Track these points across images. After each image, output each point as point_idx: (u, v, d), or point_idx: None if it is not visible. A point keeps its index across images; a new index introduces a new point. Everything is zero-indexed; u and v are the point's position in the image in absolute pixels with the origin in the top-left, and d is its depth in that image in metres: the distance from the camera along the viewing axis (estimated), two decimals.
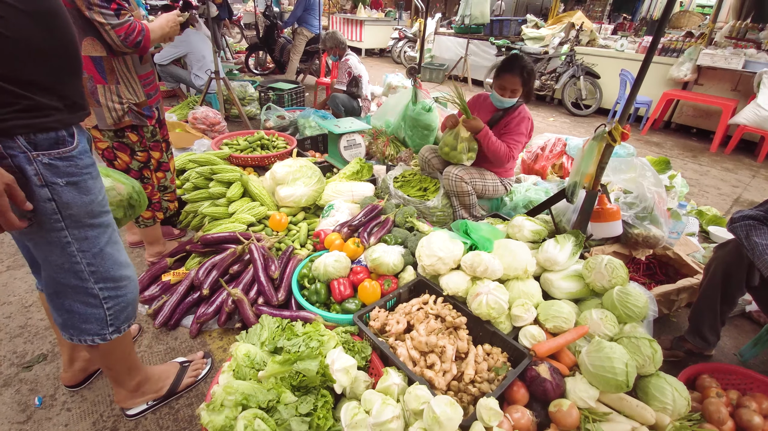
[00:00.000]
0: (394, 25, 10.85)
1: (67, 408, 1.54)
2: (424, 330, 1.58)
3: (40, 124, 0.92)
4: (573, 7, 9.62)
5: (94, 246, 1.09)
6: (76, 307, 1.14)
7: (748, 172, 4.53)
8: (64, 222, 1.01)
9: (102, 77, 1.72)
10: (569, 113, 6.49)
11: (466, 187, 2.51)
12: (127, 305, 1.24)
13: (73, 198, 1.00)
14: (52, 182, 0.95)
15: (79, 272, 1.09)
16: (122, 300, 1.21)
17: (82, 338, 1.19)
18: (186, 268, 2.19)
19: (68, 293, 1.11)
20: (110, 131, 1.82)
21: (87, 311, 1.15)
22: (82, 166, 1.01)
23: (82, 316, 1.15)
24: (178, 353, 1.81)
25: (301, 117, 4.10)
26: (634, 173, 2.36)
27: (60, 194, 0.98)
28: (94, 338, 1.20)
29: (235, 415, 1.21)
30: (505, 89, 2.43)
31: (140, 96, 1.83)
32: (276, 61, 7.13)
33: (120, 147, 1.88)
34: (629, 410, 1.40)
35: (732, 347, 2.05)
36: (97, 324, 1.18)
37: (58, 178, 0.96)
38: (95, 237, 1.09)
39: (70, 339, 1.19)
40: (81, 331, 1.18)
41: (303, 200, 2.57)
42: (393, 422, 1.24)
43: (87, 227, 1.06)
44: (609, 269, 1.73)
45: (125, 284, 1.21)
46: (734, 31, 5.56)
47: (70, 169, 0.99)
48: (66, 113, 0.97)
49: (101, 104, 1.74)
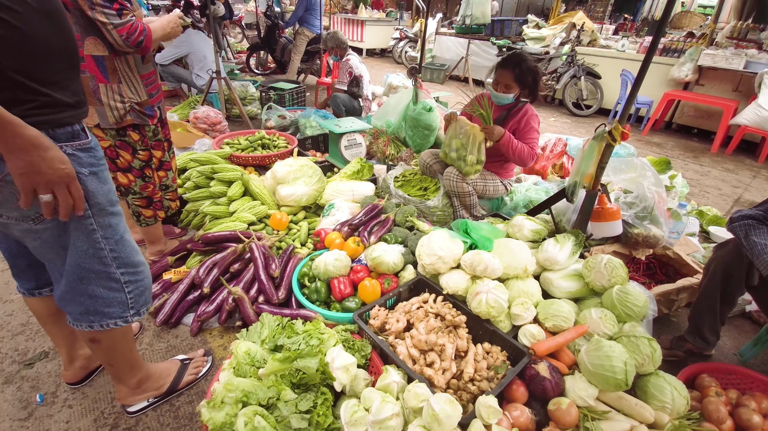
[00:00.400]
0: (395, 26, 10.86)
1: (69, 405, 1.55)
2: (423, 328, 1.58)
3: (58, 119, 0.96)
4: (574, 8, 9.61)
5: (116, 233, 1.15)
6: (100, 292, 1.18)
7: (748, 172, 4.53)
8: (91, 210, 1.06)
9: (104, 76, 1.73)
10: (570, 114, 6.49)
11: (467, 187, 2.52)
12: (145, 290, 1.30)
13: (97, 187, 1.06)
14: (78, 172, 0.99)
15: (103, 258, 1.14)
16: (141, 284, 1.27)
17: (104, 322, 1.23)
18: (187, 266, 2.20)
19: (92, 278, 1.15)
20: (112, 129, 1.83)
21: (110, 295, 1.20)
22: (99, 157, 1.07)
23: (105, 300, 1.20)
24: (179, 351, 1.81)
25: (302, 117, 4.11)
26: (634, 172, 2.37)
27: (86, 183, 1.02)
28: (117, 321, 1.24)
29: (236, 412, 1.22)
30: (498, 84, 2.47)
31: (142, 95, 1.84)
32: (277, 61, 7.15)
33: (122, 146, 1.89)
34: (628, 409, 1.41)
35: (732, 347, 2.05)
36: (119, 307, 1.23)
37: (82, 168, 1.01)
38: (116, 224, 1.15)
39: (90, 327, 1.22)
40: (104, 315, 1.22)
41: (304, 199, 2.58)
42: (392, 419, 1.25)
43: (109, 214, 1.12)
44: (608, 269, 1.73)
45: (142, 269, 1.27)
46: (735, 31, 5.55)
47: (91, 159, 1.04)
48: (76, 109, 1.01)
49: (103, 103, 1.75)
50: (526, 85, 2.46)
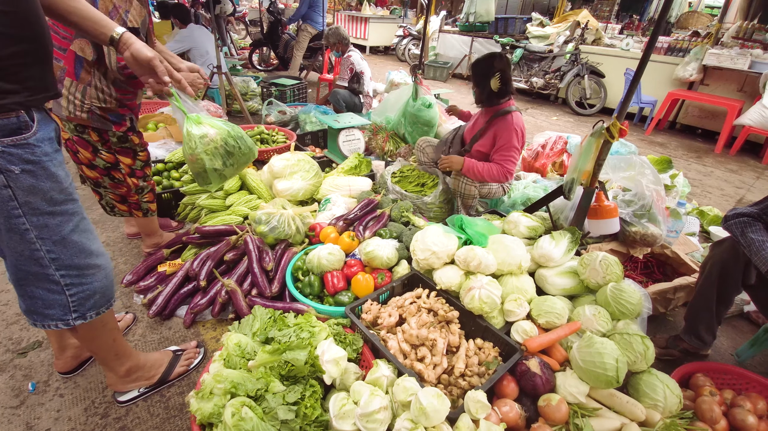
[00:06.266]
0: (399, 23, 10.84)
1: (60, 394, 1.55)
2: (415, 323, 1.58)
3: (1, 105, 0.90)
4: (580, 6, 9.54)
5: (55, 234, 1.08)
6: (39, 293, 1.14)
7: (752, 173, 4.48)
8: (21, 209, 1.00)
9: (75, 74, 1.63)
10: (573, 113, 6.44)
11: (474, 191, 2.48)
12: (94, 293, 1.23)
13: (30, 185, 0.99)
14: (7, 169, 0.95)
15: (40, 260, 1.08)
16: (87, 288, 1.20)
17: (45, 323, 1.19)
18: (182, 259, 2.20)
19: (30, 279, 1.12)
20: (70, 122, 1.74)
21: (49, 296, 1.15)
22: (40, 153, 1.00)
23: (44, 302, 1.16)
24: (172, 343, 1.82)
25: (302, 113, 4.11)
26: (633, 170, 2.34)
27: (15, 181, 0.97)
28: (57, 323, 1.19)
29: (224, 403, 1.22)
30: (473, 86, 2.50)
31: (110, 103, 1.73)
32: (280, 57, 7.15)
33: (80, 142, 1.79)
34: (619, 406, 1.39)
35: (729, 347, 2.03)
36: (59, 309, 1.18)
37: (12, 165, 0.95)
38: (56, 225, 1.08)
39: (34, 324, 1.20)
40: (44, 316, 1.18)
41: (300, 193, 2.57)
42: (380, 413, 1.24)
43: (46, 214, 1.05)
44: (603, 266, 1.72)
45: (92, 272, 1.20)
46: (741, 31, 5.49)
47: (28, 156, 0.97)
48: (25, 96, 0.95)
49: (62, 95, 1.66)
50: (480, 85, 2.38)
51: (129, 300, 2.02)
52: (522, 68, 7.02)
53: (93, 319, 1.25)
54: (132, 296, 2.03)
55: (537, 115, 6.32)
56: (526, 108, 6.69)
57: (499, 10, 9.86)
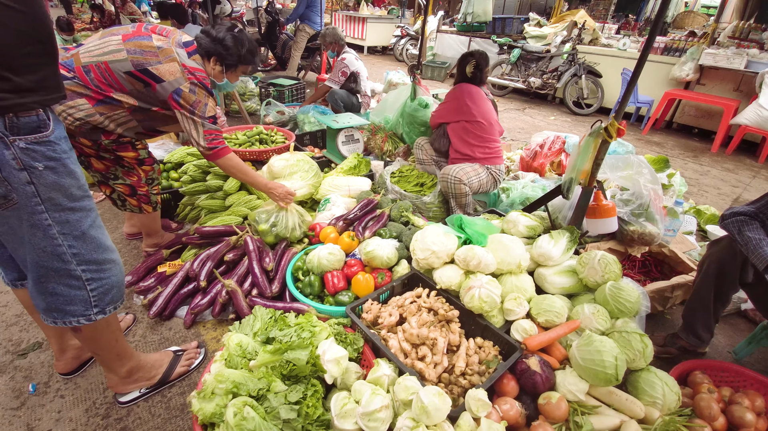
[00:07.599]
0: (396, 23, 10.84)
1: (61, 395, 1.55)
2: (416, 322, 1.58)
3: (23, 104, 0.92)
4: (577, 6, 9.58)
5: (75, 229, 1.10)
6: (60, 289, 1.15)
7: (748, 172, 4.51)
8: (44, 205, 1.03)
9: (94, 103, 1.64)
10: (570, 113, 6.47)
11: (464, 188, 2.50)
12: (112, 288, 1.25)
13: (53, 182, 1.02)
14: (31, 166, 0.97)
15: (62, 255, 1.10)
16: (106, 283, 1.23)
17: (67, 320, 1.20)
18: (182, 260, 2.20)
19: (51, 275, 1.12)
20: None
21: (71, 293, 1.16)
22: (60, 150, 1.03)
23: (66, 298, 1.17)
24: (173, 343, 1.82)
25: (300, 113, 4.10)
26: (630, 170, 2.36)
27: (39, 177, 0.99)
28: (79, 319, 1.21)
29: (226, 403, 1.22)
30: None
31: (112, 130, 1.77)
32: (278, 57, 7.15)
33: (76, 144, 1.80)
34: (618, 403, 1.40)
35: (727, 345, 2.05)
36: (81, 305, 1.20)
37: (36, 162, 0.98)
38: (77, 221, 1.10)
39: (54, 323, 1.20)
40: (65, 313, 1.19)
41: (299, 193, 2.57)
42: (382, 412, 1.25)
43: (67, 210, 1.07)
44: (602, 265, 1.73)
45: (109, 267, 1.22)
46: (737, 31, 5.53)
47: (50, 153, 1.00)
48: (42, 95, 0.97)
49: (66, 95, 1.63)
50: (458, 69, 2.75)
51: (129, 301, 2.02)
52: (519, 68, 7.03)
53: (103, 317, 1.26)
54: (132, 297, 2.03)
55: (534, 115, 6.34)
56: (524, 108, 6.71)
57: (496, 10, 9.88)
